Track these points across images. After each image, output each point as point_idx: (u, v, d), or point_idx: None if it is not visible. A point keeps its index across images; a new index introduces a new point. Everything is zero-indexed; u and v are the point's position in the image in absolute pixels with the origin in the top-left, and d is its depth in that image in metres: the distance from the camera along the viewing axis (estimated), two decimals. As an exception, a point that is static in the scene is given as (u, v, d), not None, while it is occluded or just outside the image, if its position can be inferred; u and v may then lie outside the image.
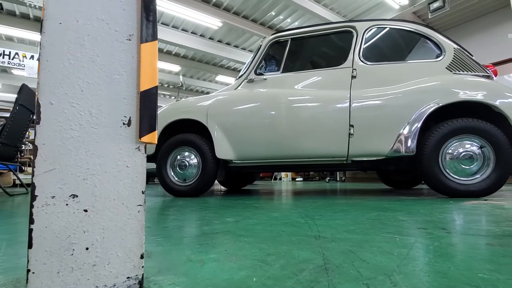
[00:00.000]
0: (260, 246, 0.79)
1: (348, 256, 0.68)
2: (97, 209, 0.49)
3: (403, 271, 0.57)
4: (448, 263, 0.62)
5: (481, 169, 2.11)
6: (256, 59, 2.73)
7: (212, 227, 1.10)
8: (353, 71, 2.45)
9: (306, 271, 0.58)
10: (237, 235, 0.94)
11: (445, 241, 0.82)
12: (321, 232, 0.97)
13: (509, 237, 0.85)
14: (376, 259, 0.66)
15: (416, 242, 0.81)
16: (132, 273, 0.51)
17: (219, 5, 6.61)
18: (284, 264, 0.63)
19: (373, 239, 0.85)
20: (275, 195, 2.73)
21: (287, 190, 3.53)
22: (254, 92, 2.61)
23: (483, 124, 2.10)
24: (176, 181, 2.69)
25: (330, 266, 0.61)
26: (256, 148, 2.50)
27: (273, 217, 1.33)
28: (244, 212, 1.51)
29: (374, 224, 1.11)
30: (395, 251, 0.72)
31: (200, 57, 9.49)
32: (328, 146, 2.35)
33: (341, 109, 2.33)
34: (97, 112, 0.50)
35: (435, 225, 1.05)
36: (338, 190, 3.34)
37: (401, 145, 2.19)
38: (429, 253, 0.70)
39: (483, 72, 2.33)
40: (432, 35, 2.43)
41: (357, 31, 2.54)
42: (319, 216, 1.32)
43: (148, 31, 0.56)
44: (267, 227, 1.08)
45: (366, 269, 0.59)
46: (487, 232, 0.93)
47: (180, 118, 2.69)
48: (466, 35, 7.44)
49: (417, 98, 2.20)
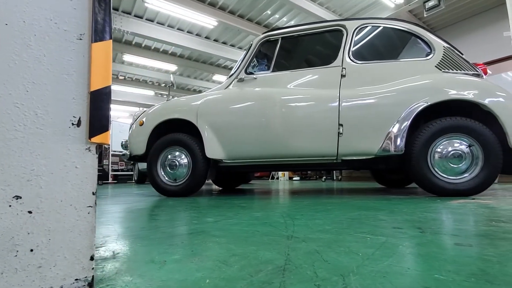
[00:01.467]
0: (229, 247, 0.79)
1: (312, 257, 0.68)
2: (42, 211, 0.48)
3: (361, 272, 0.57)
4: (409, 264, 0.61)
5: (470, 168, 2.11)
6: (246, 58, 2.72)
7: (189, 227, 1.09)
8: (343, 70, 2.44)
9: (263, 272, 0.58)
10: (211, 236, 0.94)
11: (416, 241, 0.81)
12: (295, 232, 0.96)
13: (481, 237, 0.85)
14: (339, 259, 0.65)
15: (386, 242, 0.81)
16: (81, 275, 0.50)
17: (215, 4, 6.60)
18: (244, 265, 0.62)
19: (344, 239, 0.85)
20: (266, 195, 2.73)
21: (280, 190, 3.53)
22: (244, 92, 2.60)
23: (471, 122, 2.09)
24: (166, 181, 2.68)
25: (289, 267, 0.60)
26: (246, 147, 2.50)
27: (254, 217, 1.33)
28: (227, 212, 1.50)
29: (352, 223, 1.10)
30: (361, 251, 0.71)
31: (196, 56, 9.48)
32: (317, 145, 2.35)
33: (330, 108, 2.33)
34: (43, 112, 0.49)
35: (412, 225, 1.05)
36: (331, 190, 3.33)
37: (390, 144, 2.19)
38: (394, 254, 0.69)
39: (473, 70, 2.33)
40: (422, 34, 2.43)
41: (347, 30, 2.54)
42: (300, 216, 1.32)
43: (101, 31, 0.55)
44: (244, 227, 1.07)
45: (325, 269, 0.59)
46: (461, 231, 0.93)
47: (170, 118, 2.68)
48: (461, 34, 7.44)
49: (406, 97, 2.19)
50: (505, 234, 0.87)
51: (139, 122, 2.82)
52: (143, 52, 8.82)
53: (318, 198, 2.26)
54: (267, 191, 3.34)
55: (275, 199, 2.23)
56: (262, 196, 2.61)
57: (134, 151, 2.79)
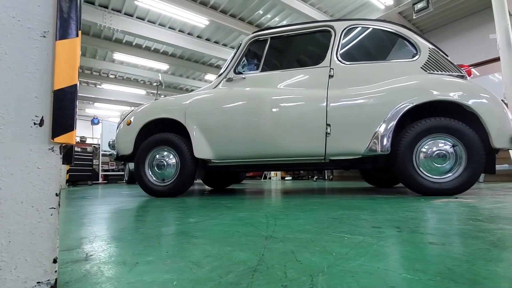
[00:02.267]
0: (205, 248, 0.78)
1: (286, 257, 0.68)
2: (1, 212, 0.47)
3: (330, 272, 0.57)
4: (380, 263, 0.62)
5: (454, 168, 2.15)
6: (235, 58, 2.71)
7: (169, 228, 1.08)
8: (331, 71, 2.46)
9: (233, 273, 0.58)
10: (190, 237, 0.93)
11: (392, 240, 0.82)
12: (275, 232, 0.96)
13: (456, 236, 0.86)
14: (312, 259, 0.66)
15: (362, 241, 0.81)
16: (43, 278, 0.49)
17: (206, 3, 6.56)
18: (216, 266, 0.62)
19: (322, 239, 0.85)
20: (255, 195, 2.73)
21: (270, 190, 3.53)
22: (232, 91, 2.59)
23: (455, 123, 2.13)
24: (154, 181, 2.66)
25: (261, 268, 0.60)
26: (234, 147, 2.49)
27: (238, 217, 1.32)
28: (212, 212, 1.49)
29: (333, 223, 1.11)
30: (335, 251, 0.72)
31: (188, 55, 9.42)
32: (305, 145, 2.36)
33: (318, 109, 2.34)
34: (3, 111, 0.48)
35: (391, 224, 1.06)
36: (321, 189, 3.35)
37: (376, 144, 2.21)
38: (368, 253, 0.70)
39: (457, 72, 2.37)
40: (408, 35, 2.46)
41: (335, 30, 2.55)
42: (283, 216, 1.32)
43: (66, 28, 0.54)
44: (225, 228, 1.07)
45: (295, 270, 0.59)
46: (438, 230, 0.94)
47: (158, 118, 2.66)
48: (450, 36, 7.57)
49: (392, 98, 2.22)
50: (479, 233, 0.88)
51: (127, 121, 2.78)
52: (134, 50, 8.73)
53: (306, 198, 2.27)
54: (257, 191, 3.34)
55: (262, 199, 2.23)
56: (251, 196, 2.61)
57: (121, 151, 2.76)
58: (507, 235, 0.85)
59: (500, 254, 0.66)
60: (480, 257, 0.65)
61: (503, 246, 0.73)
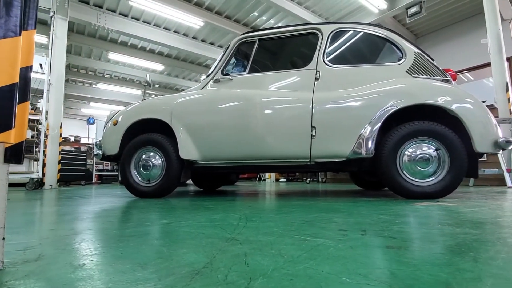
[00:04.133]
0: (160, 249, 0.77)
1: (236, 260, 0.67)
2: None
3: (272, 275, 0.57)
4: (326, 267, 0.62)
5: (437, 171, 2.15)
6: (223, 59, 2.72)
7: (136, 229, 1.07)
8: (317, 73, 2.46)
9: (175, 275, 0.57)
10: (152, 238, 0.92)
11: (350, 243, 0.82)
12: (239, 234, 0.96)
13: (417, 240, 0.86)
14: (260, 262, 0.65)
15: (320, 244, 0.81)
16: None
17: (201, 4, 6.57)
18: (161, 268, 0.61)
19: (282, 241, 0.85)
20: (242, 196, 2.72)
21: (261, 192, 3.53)
22: (219, 93, 2.59)
23: (438, 127, 2.14)
24: (139, 181, 2.64)
25: (205, 270, 0.60)
26: (220, 148, 2.48)
27: (211, 218, 1.32)
28: (187, 214, 1.49)
29: (302, 225, 1.10)
30: (289, 254, 0.71)
31: (184, 56, 9.42)
32: (291, 147, 2.36)
33: (304, 111, 2.34)
34: None
35: (359, 227, 1.06)
36: (310, 191, 3.35)
37: (360, 146, 2.21)
38: (320, 256, 0.69)
39: (442, 76, 2.38)
40: (394, 39, 2.47)
41: (323, 33, 2.56)
42: (257, 218, 1.31)
43: (6, 28, 0.54)
44: (192, 229, 1.06)
45: (238, 273, 0.58)
46: (401, 234, 0.94)
47: (144, 118, 2.65)
48: (445, 40, 7.62)
49: (376, 101, 2.22)
50: (441, 237, 0.88)
51: (113, 121, 2.77)
52: (129, 50, 8.71)
53: (290, 200, 2.27)
54: (246, 192, 3.33)
55: (246, 201, 2.22)
56: (237, 197, 2.60)
57: (107, 151, 2.75)
58: (468, 239, 0.85)
59: (451, 259, 0.66)
60: (429, 261, 0.64)
61: (458, 251, 0.73)
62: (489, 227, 1.02)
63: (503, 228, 1.00)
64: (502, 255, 0.68)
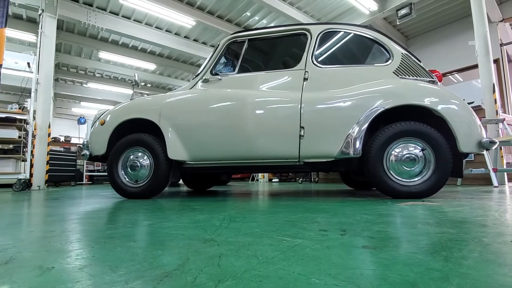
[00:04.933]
0: (135, 252, 0.76)
1: (209, 262, 0.67)
2: None
3: (242, 277, 0.56)
4: (298, 268, 0.61)
5: (423, 171, 2.18)
6: (212, 59, 2.70)
7: (116, 231, 1.06)
8: (306, 74, 2.47)
9: (144, 278, 0.56)
10: (130, 240, 0.91)
11: (328, 243, 0.82)
12: (218, 236, 0.95)
13: (394, 240, 0.86)
14: (233, 264, 0.65)
15: (298, 245, 0.81)
16: None
17: (193, 3, 6.54)
18: (130, 271, 0.61)
19: (260, 242, 0.84)
20: (232, 197, 2.71)
21: (252, 192, 3.52)
22: (208, 93, 2.58)
23: (424, 127, 2.16)
24: (127, 182, 2.61)
25: (175, 273, 0.59)
26: (209, 149, 2.47)
27: (195, 220, 1.31)
28: (172, 215, 1.47)
29: (284, 226, 1.10)
30: (264, 255, 0.71)
31: (176, 56, 9.35)
32: (279, 147, 2.36)
33: (292, 111, 2.35)
34: None
35: (340, 227, 1.06)
36: (301, 192, 3.36)
37: (348, 147, 2.23)
38: (294, 257, 0.69)
39: (428, 77, 2.41)
40: (382, 40, 2.49)
41: (311, 34, 2.57)
42: (241, 219, 1.31)
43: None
44: (172, 231, 1.05)
45: (208, 275, 0.58)
46: (380, 233, 0.94)
47: (132, 118, 2.62)
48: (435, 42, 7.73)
49: (364, 102, 2.24)
50: (418, 237, 0.89)
51: (101, 121, 2.74)
52: (120, 49, 8.61)
53: (279, 200, 2.27)
54: (237, 193, 3.32)
55: (234, 202, 2.22)
56: (226, 198, 2.59)
57: (94, 151, 2.71)
58: (444, 239, 0.86)
59: (423, 258, 0.67)
60: (402, 261, 0.65)
61: (431, 250, 0.74)
62: (467, 226, 1.03)
63: (480, 227, 1.01)
64: (475, 254, 0.69)
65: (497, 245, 0.77)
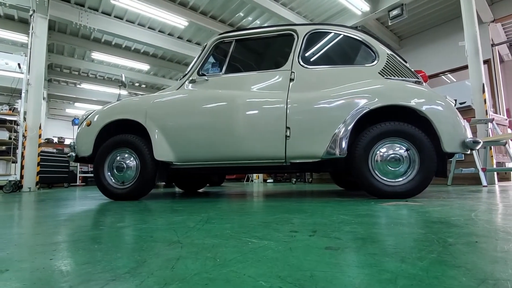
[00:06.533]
0: (94, 255, 0.75)
1: (165, 264, 0.66)
2: None
3: (190, 280, 0.56)
4: (251, 270, 0.61)
5: (407, 171, 2.18)
6: (199, 60, 2.70)
7: (86, 233, 1.05)
8: (292, 74, 2.47)
9: (93, 281, 0.55)
10: (95, 242, 0.90)
11: (293, 245, 0.82)
12: (187, 238, 0.94)
13: (360, 240, 0.86)
14: (189, 266, 0.64)
15: (262, 246, 0.80)
16: None
17: (185, 3, 6.52)
18: (80, 275, 0.60)
19: (226, 244, 0.84)
20: (221, 198, 2.70)
21: (243, 193, 3.52)
22: (194, 93, 2.57)
23: (408, 127, 2.17)
24: (113, 183, 2.60)
25: (125, 276, 0.58)
26: (195, 149, 2.46)
27: (170, 221, 1.30)
28: (149, 217, 1.46)
29: (256, 227, 1.10)
30: (223, 257, 0.70)
31: (170, 56, 9.33)
32: (266, 148, 2.36)
33: (278, 111, 2.35)
34: None
35: (312, 228, 1.06)
36: (291, 192, 3.36)
37: (334, 147, 2.23)
38: (252, 259, 0.69)
39: (414, 78, 2.42)
40: (368, 41, 2.50)
41: (298, 34, 2.57)
42: (218, 220, 1.30)
43: None
44: (143, 233, 1.04)
45: (158, 278, 0.57)
46: (349, 234, 0.94)
47: (118, 118, 2.61)
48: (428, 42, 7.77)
49: (349, 102, 2.24)
50: (384, 237, 0.89)
51: (87, 122, 2.72)
52: (114, 50, 8.57)
53: (265, 201, 2.27)
54: (228, 193, 3.31)
55: (220, 203, 2.21)
56: (214, 199, 2.58)
57: (80, 152, 2.69)
58: (409, 239, 0.86)
59: (380, 259, 0.67)
60: (358, 262, 0.64)
61: (392, 251, 0.73)
62: (437, 227, 1.04)
63: (450, 228, 1.01)
64: (433, 255, 0.69)
65: (459, 246, 0.77)
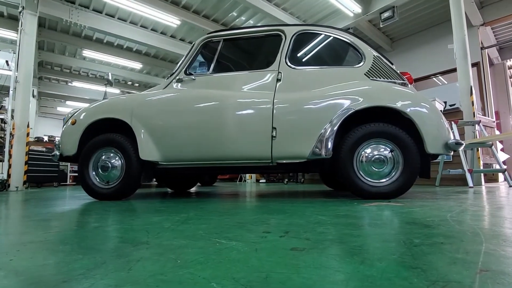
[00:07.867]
0: (56, 256, 0.74)
1: (123, 266, 0.65)
2: None
3: (144, 282, 0.55)
4: (208, 271, 0.60)
5: (391, 172, 2.20)
6: (187, 59, 2.68)
7: (55, 235, 1.03)
8: (279, 74, 2.47)
9: (40, 283, 0.54)
10: (61, 244, 0.89)
11: (260, 245, 0.81)
12: (156, 238, 0.93)
13: (328, 241, 0.86)
14: (147, 268, 0.63)
15: (228, 248, 0.80)
16: None
17: (178, 2, 6.49)
18: (32, 277, 0.59)
19: (194, 245, 0.83)
20: (208, 198, 2.69)
21: (233, 193, 3.51)
22: (181, 93, 2.55)
23: (392, 129, 2.19)
24: (98, 183, 2.57)
25: (78, 278, 0.57)
26: (181, 149, 2.45)
27: (147, 222, 1.29)
28: (128, 217, 1.45)
29: (231, 228, 1.09)
30: (186, 258, 0.70)
31: (163, 55, 9.27)
32: (252, 148, 2.35)
33: (265, 112, 2.34)
34: None
35: (286, 229, 1.06)
36: (280, 193, 3.36)
37: (319, 148, 2.23)
38: (214, 260, 0.68)
39: (399, 79, 2.44)
40: (355, 43, 2.51)
41: (286, 35, 2.57)
42: (195, 220, 1.29)
43: None
44: (115, 234, 1.03)
45: (111, 280, 0.56)
46: (320, 235, 0.94)
47: (103, 117, 2.58)
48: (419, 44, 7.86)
49: (334, 103, 2.25)
50: (353, 238, 0.89)
51: (72, 120, 2.68)
52: (105, 48, 8.49)
53: (251, 201, 2.26)
54: (217, 194, 3.30)
55: (205, 203, 2.20)
56: (201, 199, 2.57)
57: (65, 151, 2.65)
58: (377, 240, 0.86)
59: (340, 260, 0.67)
60: (318, 263, 0.64)
61: (355, 252, 0.74)
62: (410, 227, 1.04)
63: (422, 229, 1.02)
64: (394, 256, 0.69)
65: (423, 247, 0.77)
